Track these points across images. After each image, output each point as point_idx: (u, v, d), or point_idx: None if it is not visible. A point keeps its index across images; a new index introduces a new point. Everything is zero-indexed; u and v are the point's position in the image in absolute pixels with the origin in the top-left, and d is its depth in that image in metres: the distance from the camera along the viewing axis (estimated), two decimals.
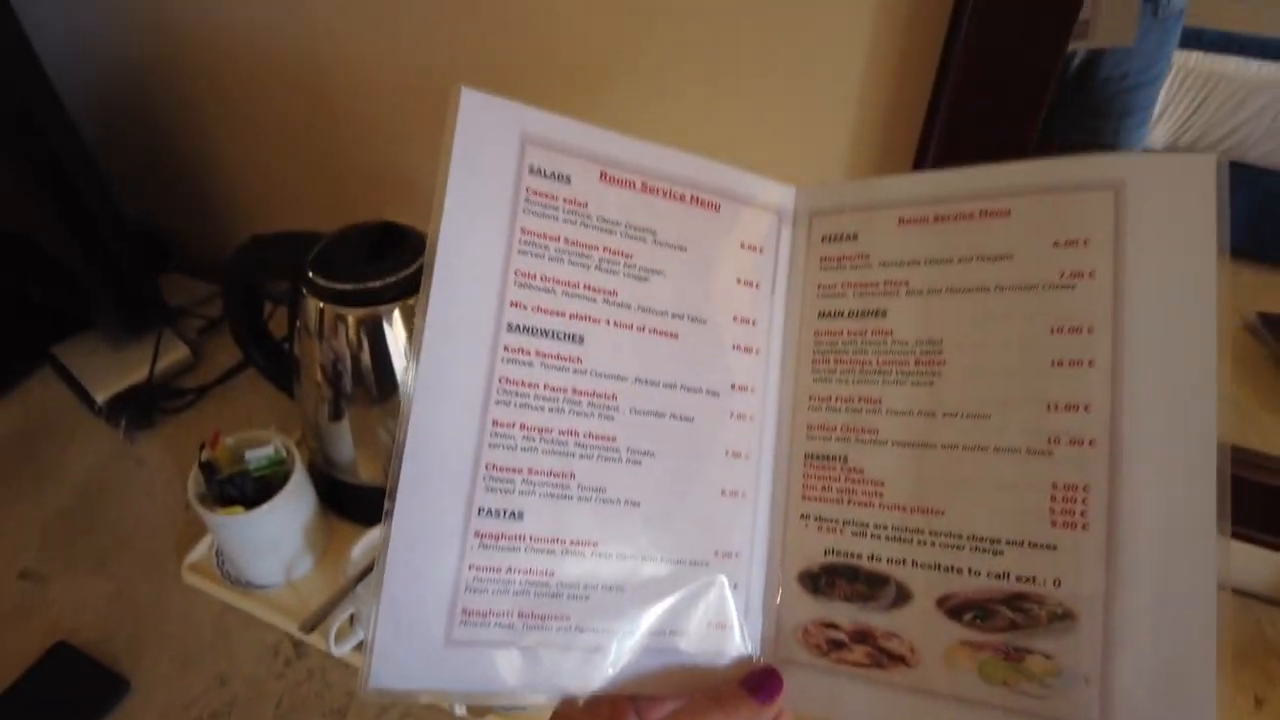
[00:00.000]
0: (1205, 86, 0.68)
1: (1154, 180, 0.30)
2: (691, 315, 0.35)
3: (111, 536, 0.67)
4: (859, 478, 0.33)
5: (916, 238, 0.33)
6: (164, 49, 0.77)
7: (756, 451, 0.35)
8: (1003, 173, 0.32)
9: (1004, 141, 0.49)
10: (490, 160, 0.32)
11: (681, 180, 0.35)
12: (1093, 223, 0.30)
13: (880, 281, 0.34)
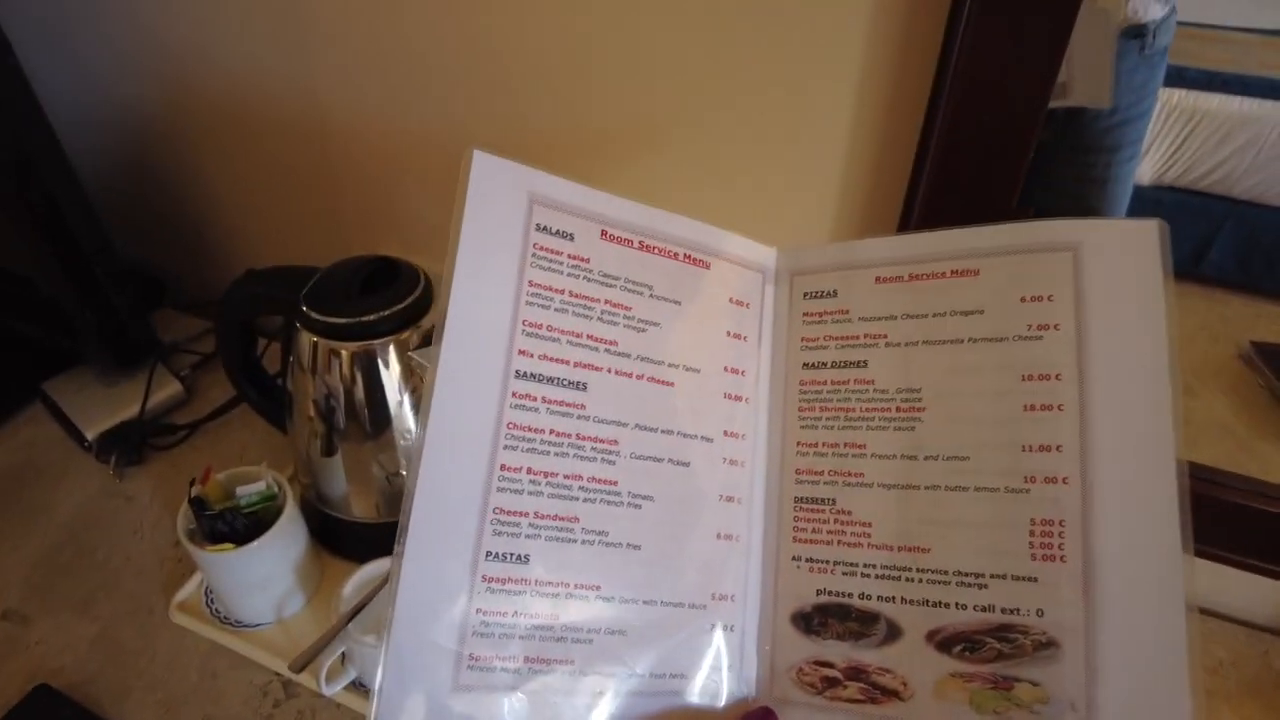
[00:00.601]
0: (1189, 123, 0.70)
1: (1105, 243, 0.32)
2: (686, 365, 0.36)
3: (98, 576, 0.66)
4: (847, 519, 0.34)
5: (893, 295, 0.36)
6: (163, 92, 0.78)
7: (748, 496, 0.36)
8: (972, 236, 0.35)
9: (992, 183, 0.50)
10: (500, 218, 0.33)
11: (675, 240, 0.37)
12: (1055, 281, 0.32)
13: (860, 335, 0.36)
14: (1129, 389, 0.31)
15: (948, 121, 0.48)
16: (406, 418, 0.60)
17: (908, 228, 0.53)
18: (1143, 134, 0.67)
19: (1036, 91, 0.46)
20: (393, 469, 0.61)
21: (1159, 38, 0.62)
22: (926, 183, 0.50)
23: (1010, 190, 0.49)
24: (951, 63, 0.46)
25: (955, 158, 0.49)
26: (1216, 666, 0.60)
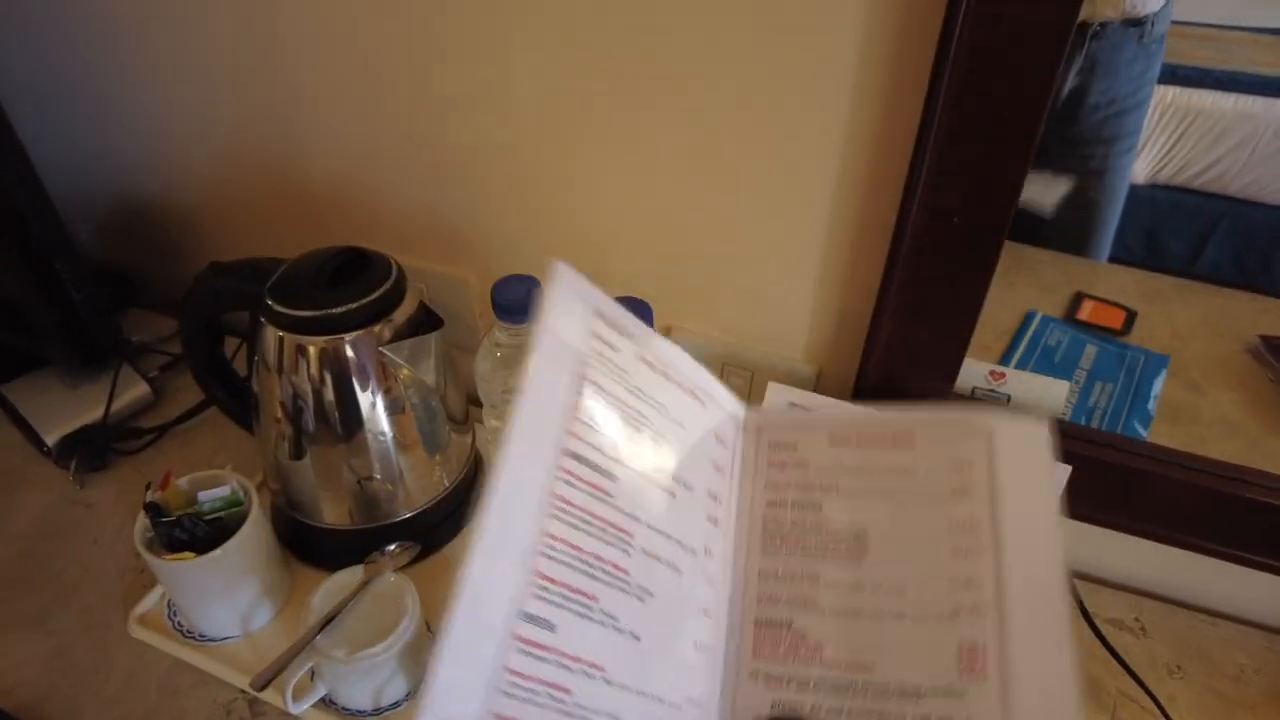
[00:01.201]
0: (1184, 121, 0.69)
1: (1010, 431, 0.41)
2: (684, 480, 0.41)
3: (54, 588, 0.62)
4: (801, 640, 0.39)
5: (845, 452, 0.43)
6: (129, 90, 0.74)
7: (718, 612, 0.40)
8: (910, 415, 0.43)
9: (993, 186, 0.47)
10: (569, 323, 0.39)
11: (683, 375, 0.43)
12: (975, 454, 0.40)
13: (816, 483, 0.42)
14: (1030, 539, 0.38)
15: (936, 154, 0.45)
16: (379, 418, 0.56)
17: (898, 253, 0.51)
18: (1140, 125, 0.66)
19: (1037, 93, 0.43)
20: (365, 473, 0.58)
21: (1157, 26, 0.60)
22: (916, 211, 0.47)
23: (1019, 171, 0.46)
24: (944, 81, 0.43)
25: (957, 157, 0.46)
26: (1238, 673, 0.57)
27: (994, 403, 0.60)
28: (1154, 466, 0.56)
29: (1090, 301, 0.73)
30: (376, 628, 0.51)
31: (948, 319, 0.53)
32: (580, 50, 0.54)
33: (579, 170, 0.60)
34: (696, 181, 0.57)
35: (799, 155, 0.52)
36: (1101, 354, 0.70)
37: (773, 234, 0.57)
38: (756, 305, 0.61)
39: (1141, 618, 0.61)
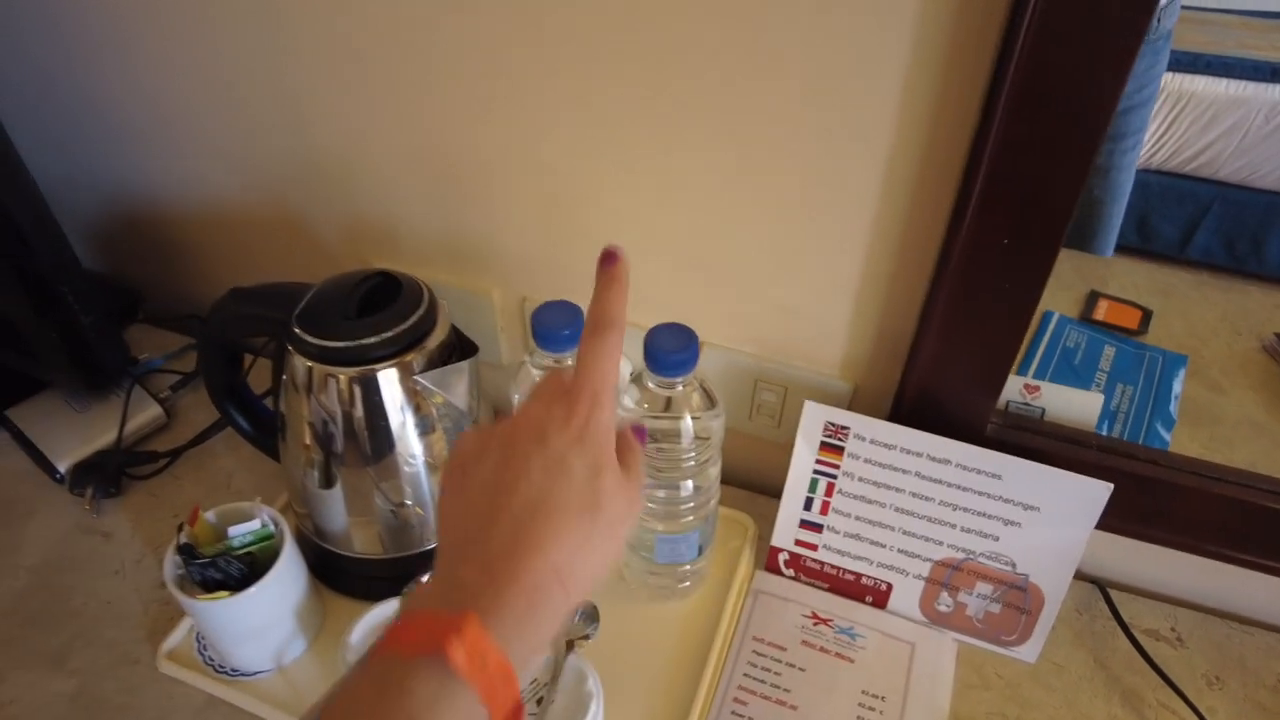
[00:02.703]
0: (1176, 106, 0.69)
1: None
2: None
3: (74, 624, 0.60)
4: None
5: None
6: (129, 101, 0.71)
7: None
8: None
9: (1047, 205, 0.46)
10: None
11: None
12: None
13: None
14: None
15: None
16: (411, 444, 0.55)
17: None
18: (1145, 122, 0.65)
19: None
20: (397, 500, 0.57)
21: (1164, 21, 0.59)
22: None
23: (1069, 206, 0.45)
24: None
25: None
26: (1277, 684, 0.58)
27: (1027, 417, 0.60)
28: (1188, 480, 0.56)
29: (1105, 301, 0.72)
30: None
31: (994, 337, 0.52)
32: (610, 67, 0.52)
33: (608, 186, 0.59)
34: (731, 196, 0.55)
35: (840, 171, 0.51)
36: (1120, 355, 0.70)
37: (811, 250, 0.56)
38: (792, 321, 0.60)
39: (1177, 627, 0.61)
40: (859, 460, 0.57)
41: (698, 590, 0.61)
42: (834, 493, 0.59)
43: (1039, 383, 0.62)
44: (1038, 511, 0.54)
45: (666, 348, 0.48)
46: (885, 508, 0.58)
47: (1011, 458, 0.54)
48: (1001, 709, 0.56)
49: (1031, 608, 0.57)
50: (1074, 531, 0.54)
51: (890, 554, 0.59)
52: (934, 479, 0.56)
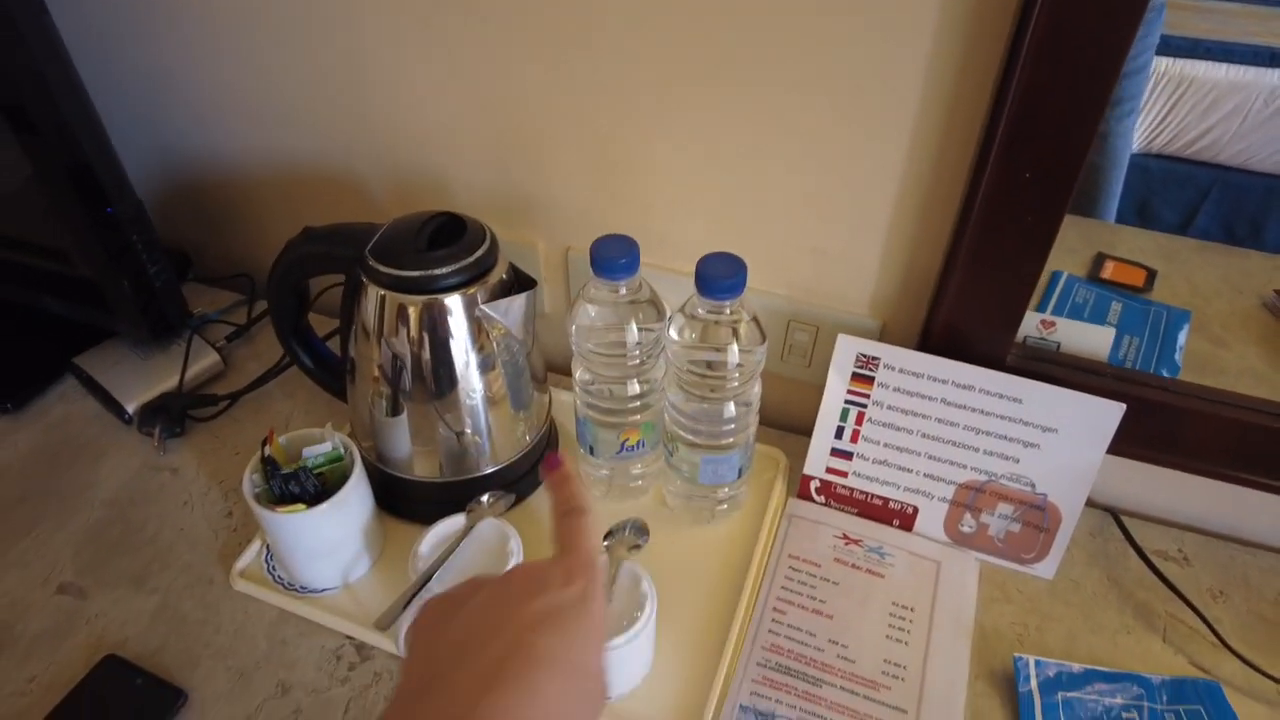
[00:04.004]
0: (1178, 90, 0.71)
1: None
2: None
3: (150, 550, 0.64)
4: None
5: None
6: (193, 63, 0.75)
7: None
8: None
9: (1066, 142, 0.50)
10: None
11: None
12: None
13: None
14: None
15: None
16: (472, 375, 0.59)
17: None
18: (1139, 90, 0.69)
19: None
20: (459, 427, 0.61)
21: None
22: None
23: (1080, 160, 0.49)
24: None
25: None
26: (1274, 599, 0.62)
27: (1044, 350, 0.64)
28: (1197, 405, 0.60)
29: (1112, 262, 0.76)
30: (481, 571, 0.54)
31: (1016, 270, 0.56)
32: (651, 30, 0.56)
33: (649, 142, 0.63)
34: (766, 144, 0.60)
35: (872, 115, 0.55)
36: (1127, 310, 0.73)
37: (843, 193, 0.60)
38: (824, 262, 0.64)
39: (1184, 549, 0.65)
40: (888, 389, 0.61)
41: (734, 514, 0.65)
42: (864, 421, 0.63)
43: (1055, 318, 0.66)
44: (1055, 433, 0.59)
45: (717, 273, 0.52)
46: (912, 434, 0.62)
47: (1031, 381, 0.58)
48: (1023, 620, 0.60)
49: (1050, 526, 0.61)
50: (1089, 451, 0.58)
51: (916, 478, 0.63)
52: (958, 405, 0.60)
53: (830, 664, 0.56)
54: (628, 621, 0.50)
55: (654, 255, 0.60)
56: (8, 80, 0.60)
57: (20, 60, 0.60)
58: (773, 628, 0.58)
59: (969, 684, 0.55)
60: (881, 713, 0.53)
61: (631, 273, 0.54)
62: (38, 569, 0.63)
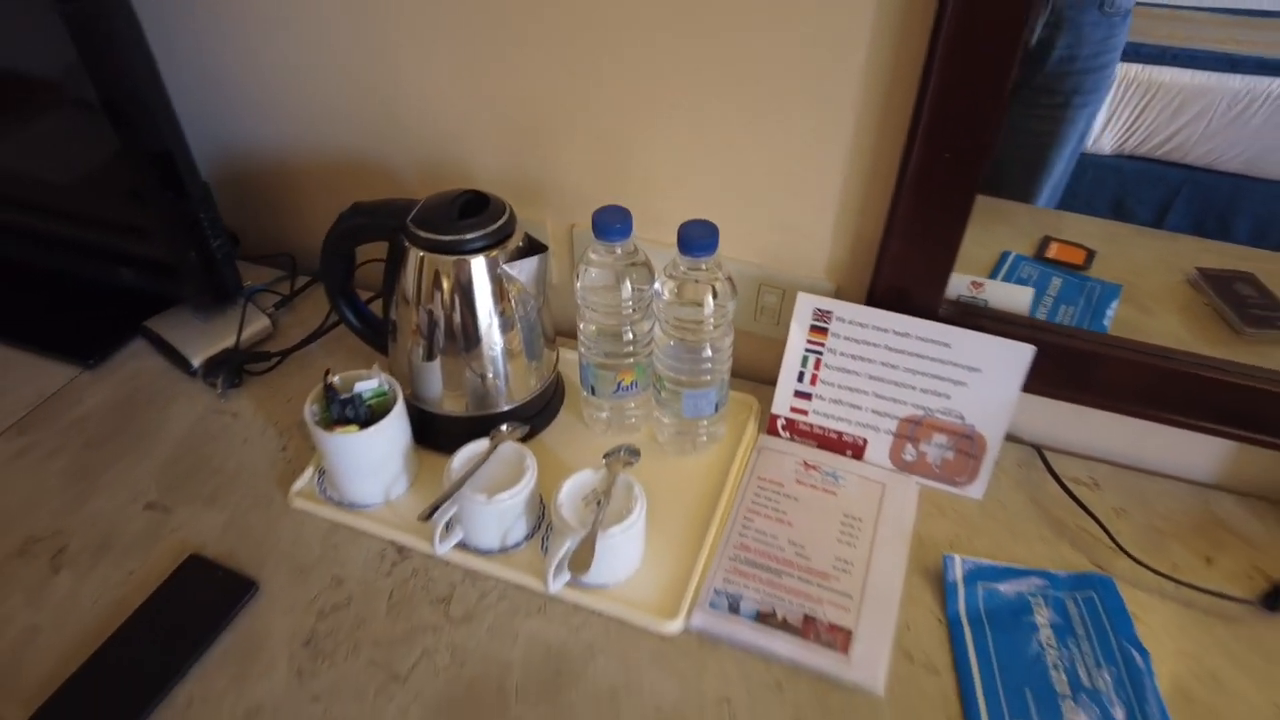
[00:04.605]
0: (1146, 95, 0.79)
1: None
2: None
3: (218, 477, 0.76)
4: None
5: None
6: (245, 63, 0.87)
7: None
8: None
9: (975, 129, 0.62)
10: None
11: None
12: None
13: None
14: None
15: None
16: (494, 326, 0.71)
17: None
18: (1098, 86, 0.77)
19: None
20: (481, 372, 0.72)
21: (1118, 1, 0.71)
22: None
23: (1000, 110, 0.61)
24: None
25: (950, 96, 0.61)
26: (1169, 514, 0.73)
27: (974, 305, 0.76)
28: (1106, 350, 0.72)
29: (1056, 243, 0.86)
30: (502, 485, 0.65)
31: (940, 236, 0.68)
32: (640, 32, 0.69)
33: (641, 131, 0.75)
34: (740, 138, 0.72)
35: (824, 117, 0.68)
36: (1066, 284, 0.84)
37: (803, 177, 0.72)
38: (788, 235, 0.76)
39: (1095, 476, 0.77)
40: (840, 339, 0.73)
41: (713, 447, 0.77)
42: (821, 367, 0.75)
43: (983, 280, 0.78)
44: (979, 372, 0.70)
45: (694, 235, 0.64)
46: (861, 376, 0.74)
47: (957, 328, 0.70)
48: (955, 531, 0.72)
49: (977, 453, 0.73)
50: (1008, 386, 0.70)
51: (865, 414, 0.75)
52: (898, 350, 0.72)
53: (789, 560, 0.67)
54: (623, 517, 0.62)
55: (646, 231, 0.72)
56: (110, 84, 0.72)
57: (121, 70, 0.72)
58: (742, 532, 0.69)
59: (905, 578, 0.67)
60: (831, 597, 0.65)
61: (625, 236, 0.66)
62: (127, 492, 0.74)
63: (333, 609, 0.65)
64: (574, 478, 0.66)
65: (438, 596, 0.66)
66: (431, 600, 0.65)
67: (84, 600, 0.66)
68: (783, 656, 0.61)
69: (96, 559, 0.69)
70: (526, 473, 0.66)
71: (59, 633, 0.64)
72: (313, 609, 0.65)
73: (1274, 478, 0.75)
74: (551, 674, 0.61)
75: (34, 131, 0.82)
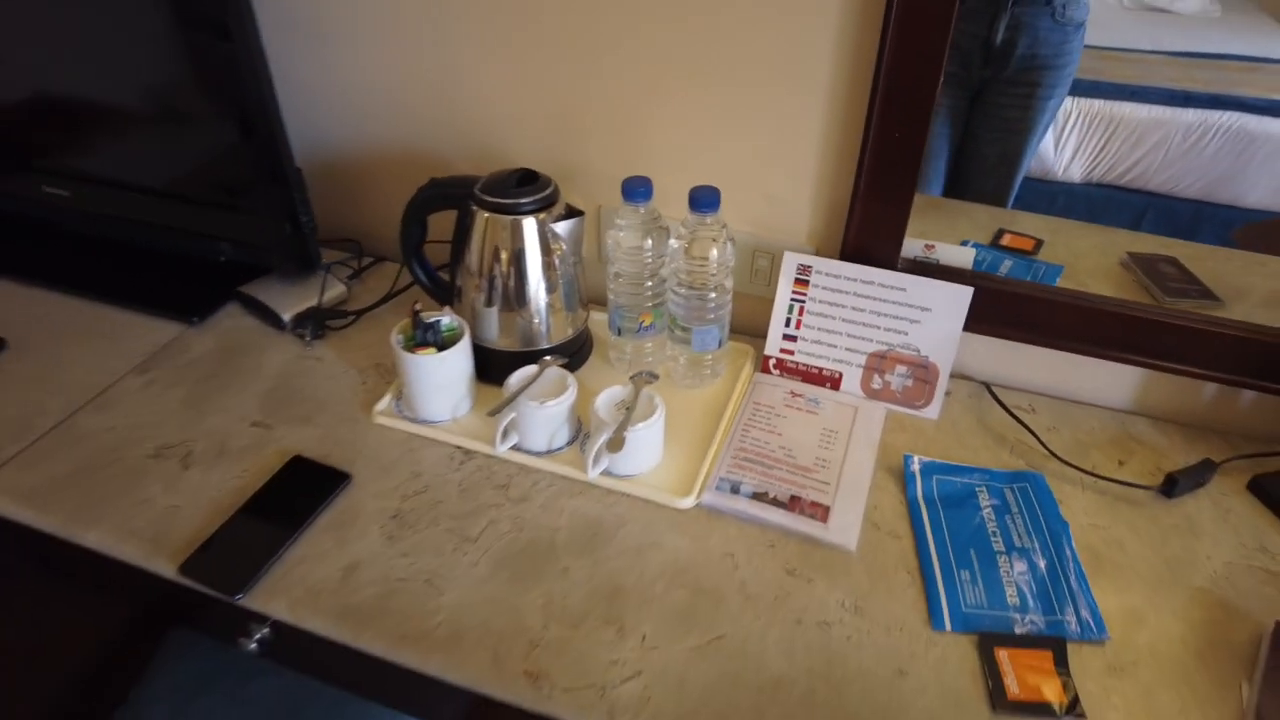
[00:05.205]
0: (1108, 128, 0.92)
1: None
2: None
3: (310, 403, 0.92)
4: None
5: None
6: (319, 72, 1.07)
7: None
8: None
9: (916, 115, 0.80)
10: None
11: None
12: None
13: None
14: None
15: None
16: (542, 276, 0.88)
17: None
18: (1059, 82, 0.89)
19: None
20: (529, 317, 0.89)
21: (1069, 11, 0.84)
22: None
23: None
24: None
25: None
26: (1091, 429, 0.90)
27: (927, 263, 0.93)
28: (1034, 293, 0.89)
29: (1009, 234, 1.03)
30: (548, 396, 0.82)
31: (895, 201, 0.86)
32: (654, 40, 0.88)
33: (653, 121, 0.94)
34: (735, 124, 0.90)
35: (800, 106, 0.86)
36: (1015, 265, 1.01)
37: (786, 155, 0.90)
38: (775, 206, 0.94)
39: (1034, 405, 0.94)
40: (819, 289, 0.91)
41: (717, 381, 0.94)
42: (803, 313, 0.92)
43: (934, 243, 0.95)
44: (930, 311, 0.88)
45: (701, 195, 0.82)
46: (835, 319, 0.91)
47: (911, 276, 0.87)
48: (914, 443, 0.88)
49: (931, 379, 0.90)
50: (953, 322, 0.87)
51: (840, 352, 0.92)
52: (865, 296, 0.89)
53: (779, 459, 0.83)
54: (647, 417, 0.78)
55: (662, 207, 0.90)
56: (241, 100, 0.91)
57: (250, 89, 0.90)
58: (741, 439, 0.85)
59: (873, 473, 0.83)
60: (813, 484, 0.80)
61: (648, 199, 0.84)
62: (235, 414, 0.91)
63: (413, 493, 0.81)
64: (606, 391, 0.83)
65: (498, 484, 0.82)
66: (493, 487, 0.81)
67: (211, 488, 0.81)
68: (774, 524, 0.77)
69: (217, 460, 0.85)
70: (569, 388, 0.83)
71: (194, 510, 0.79)
72: (396, 494, 0.81)
73: (1179, 404, 0.92)
74: (590, 536, 0.76)
75: (172, 135, 1.01)
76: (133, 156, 1.05)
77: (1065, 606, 0.70)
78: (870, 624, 0.69)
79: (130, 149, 1.05)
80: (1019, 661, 0.66)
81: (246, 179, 0.99)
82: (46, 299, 1.08)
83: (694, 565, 0.74)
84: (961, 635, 0.68)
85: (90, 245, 1.16)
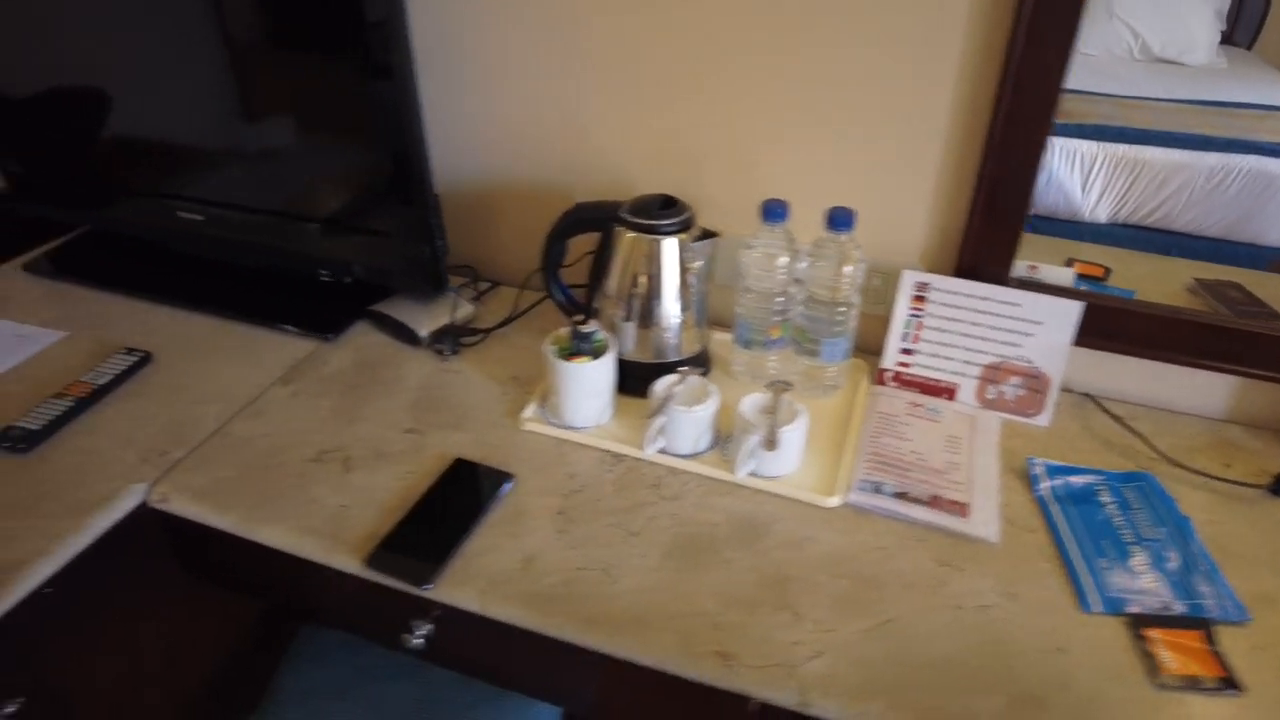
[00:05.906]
0: (1133, 172, 0.98)
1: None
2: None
3: (455, 412, 0.98)
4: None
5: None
6: (455, 111, 1.15)
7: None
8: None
9: (1025, 154, 0.88)
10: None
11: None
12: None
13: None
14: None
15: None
16: (677, 290, 0.94)
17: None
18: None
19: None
20: (665, 327, 0.96)
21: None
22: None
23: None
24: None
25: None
26: (1192, 437, 0.96)
27: (1032, 281, 1.00)
28: (1133, 308, 0.96)
29: (1078, 262, 1.10)
30: (689, 402, 0.88)
31: (1009, 224, 0.94)
32: (771, 89, 0.96)
33: (772, 153, 1.02)
34: (848, 156, 0.98)
35: (919, 138, 0.94)
36: (1090, 289, 1.09)
37: (902, 184, 0.98)
38: (890, 229, 1.02)
39: (1133, 414, 1.00)
40: (936, 305, 0.98)
41: (838, 392, 1.00)
42: (921, 328, 0.99)
43: (1039, 265, 1.02)
44: (1042, 325, 0.94)
45: (839, 215, 0.89)
46: (951, 334, 0.98)
47: (1024, 291, 0.94)
48: (1030, 447, 0.94)
49: (1043, 389, 0.96)
50: (1064, 333, 0.93)
51: (955, 364, 0.98)
52: (980, 311, 0.96)
53: (912, 462, 0.89)
54: (792, 420, 0.84)
55: None
56: (396, 136, 0.99)
57: (405, 126, 0.98)
58: (872, 444, 0.91)
59: (999, 475, 0.89)
60: (948, 485, 0.86)
61: (783, 219, 0.91)
62: (386, 421, 0.96)
63: (572, 492, 0.86)
64: (748, 397, 0.88)
65: (650, 484, 0.87)
66: (646, 486, 0.86)
67: (376, 489, 0.86)
68: (919, 520, 0.82)
69: (377, 464, 0.90)
70: (711, 394, 0.89)
71: (365, 509, 0.84)
72: (558, 492, 0.86)
73: (1273, 411, 0.98)
74: (748, 530, 0.81)
75: (319, 164, 1.08)
76: (272, 183, 1.12)
77: (1203, 591, 0.75)
78: (1024, 607, 0.74)
79: (271, 177, 1.12)
80: (1170, 640, 0.71)
81: (388, 205, 1.06)
82: (184, 318, 1.14)
83: (850, 557, 0.79)
84: (1109, 617, 0.73)
85: (216, 267, 1.23)
